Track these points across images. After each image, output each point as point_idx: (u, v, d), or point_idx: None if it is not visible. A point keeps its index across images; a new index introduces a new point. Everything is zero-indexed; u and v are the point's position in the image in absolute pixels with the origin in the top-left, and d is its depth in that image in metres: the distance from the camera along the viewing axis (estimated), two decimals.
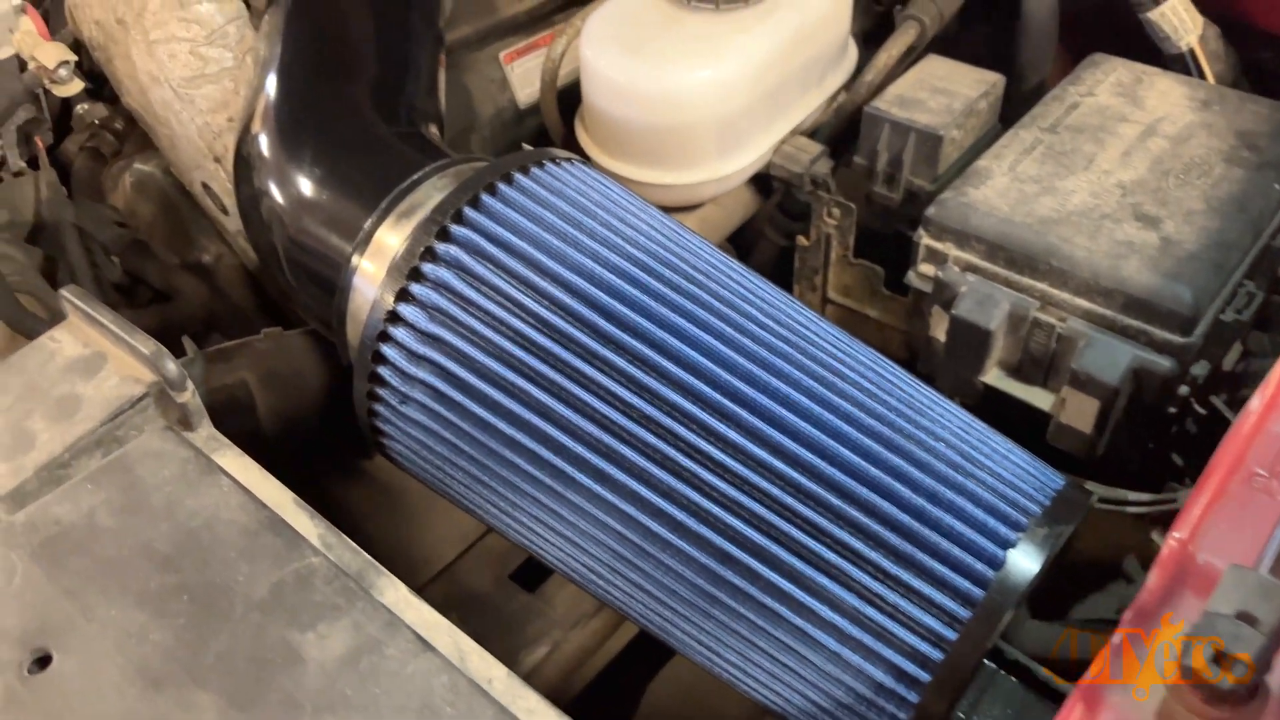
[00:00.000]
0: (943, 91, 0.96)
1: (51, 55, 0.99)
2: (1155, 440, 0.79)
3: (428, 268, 0.70)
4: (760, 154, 0.99)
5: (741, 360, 0.64)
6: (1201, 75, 1.03)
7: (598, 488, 0.65)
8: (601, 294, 0.67)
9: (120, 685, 0.57)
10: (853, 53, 1.07)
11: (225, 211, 1.14)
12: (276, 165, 0.88)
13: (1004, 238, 0.80)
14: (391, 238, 0.75)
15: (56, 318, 1.06)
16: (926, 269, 0.86)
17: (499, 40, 1.55)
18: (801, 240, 1.00)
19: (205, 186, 1.13)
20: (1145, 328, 0.75)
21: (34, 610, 0.61)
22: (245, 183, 0.92)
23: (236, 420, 1.01)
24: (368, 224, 0.76)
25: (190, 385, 0.76)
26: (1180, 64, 1.03)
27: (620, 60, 0.92)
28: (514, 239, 0.70)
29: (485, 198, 0.72)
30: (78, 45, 1.30)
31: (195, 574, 0.62)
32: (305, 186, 0.86)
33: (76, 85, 1.02)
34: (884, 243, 0.99)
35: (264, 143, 0.90)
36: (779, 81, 0.97)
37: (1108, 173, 0.84)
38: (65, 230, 1.08)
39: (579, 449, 0.65)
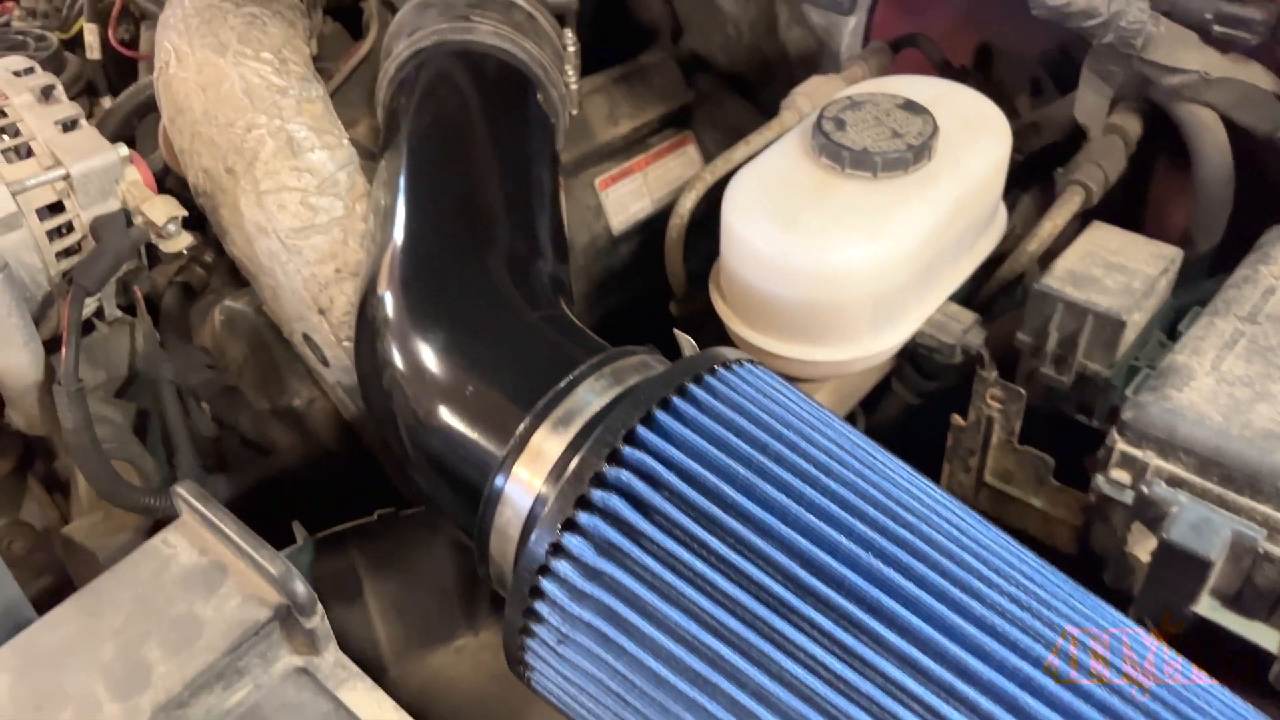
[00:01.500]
0: (1118, 267, 0.88)
1: (161, 211, 0.94)
2: None
3: (597, 494, 0.62)
4: (914, 327, 0.92)
5: (970, 628, 0.56)
6: None
7: None
8: (798, 536, 0.60)
9: None
10: (1002, 215, 1.00)
11: (326, 364, 1.08)
12: (404, 336, 0.82)
13: (1219, 453, 0.72)
14: (550, 446, 0.68)
15: (149, 484, 1.00)
16: (1120, 475, 0.77)
17: (594, 166, 1.50)
18: (958, 420, 0.92)
19: (306, 338, 1.07)
20: None
21: None
22: (367, 345, 0.85)
23: (340, 606, 0.94)
24: (521, 429, 0.69)
25: (320, 610, 0.68)
26: None
27: (772, 234, 0.85)
28: (694, 465, 0.63)
29: (659, 414, 0.65)
30: (166, 170, 1.26)
31: None
32: (439, 368, 0.79)
33: (185, 239, 0.96)
34: (1045, 422, 0.91)
35: (390, 308, 0.84)
36: (937, 252, 0.90)
37: None
38: (162, 388, 1.02)
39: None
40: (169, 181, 1.29)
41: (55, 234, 0.93)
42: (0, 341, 0.87)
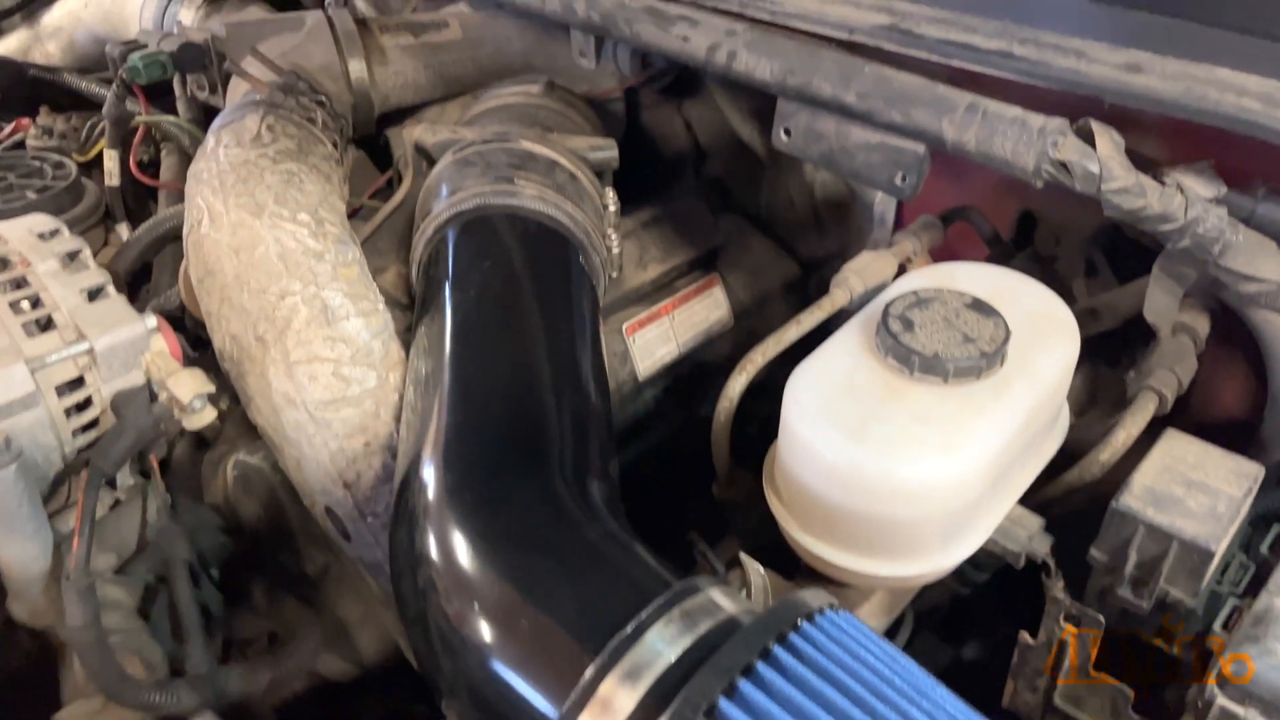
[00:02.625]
0: (1200, 486, 0.84)
1: (188, 387, 0.88)
2: None
3: None
4: (983, 539, 0.87)
5: None
6: None
7: None
8: None
9: None
10: (1065, 413, 0.96)
11: (348, 538, 1.02)
12: (446, 534, 0.77)
13: None
14: (620, 700, 0.62)
15: (154, 673, 0.93)
16: None
17: (622, 310, 1.46)
18: (1025, 638, 0.86)
19: (329, 510, 1.01)
20: None
21: None
22: (404, 534, 0.80)
23: None
24: (588, 676, 0.63)
25: None
26: None
27: (840, 443, 0.80)
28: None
29: (743, 684, 0.59)
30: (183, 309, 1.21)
31: None
32: (486, 580, 0.74)
33: (209, 415, 0.91)
34: (1123, 647, 0.86)
35: (433, 499, 0.79)
36: (1009, 461, 0.86)
37: None
38: (175, 569, 0.96)
39: None
40: (186, 321, 1.25)
41: (73, 410, 0.87)
42: (7, 533, 0.81)
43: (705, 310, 1.57)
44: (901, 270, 1.13)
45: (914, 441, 0.80)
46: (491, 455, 0.83)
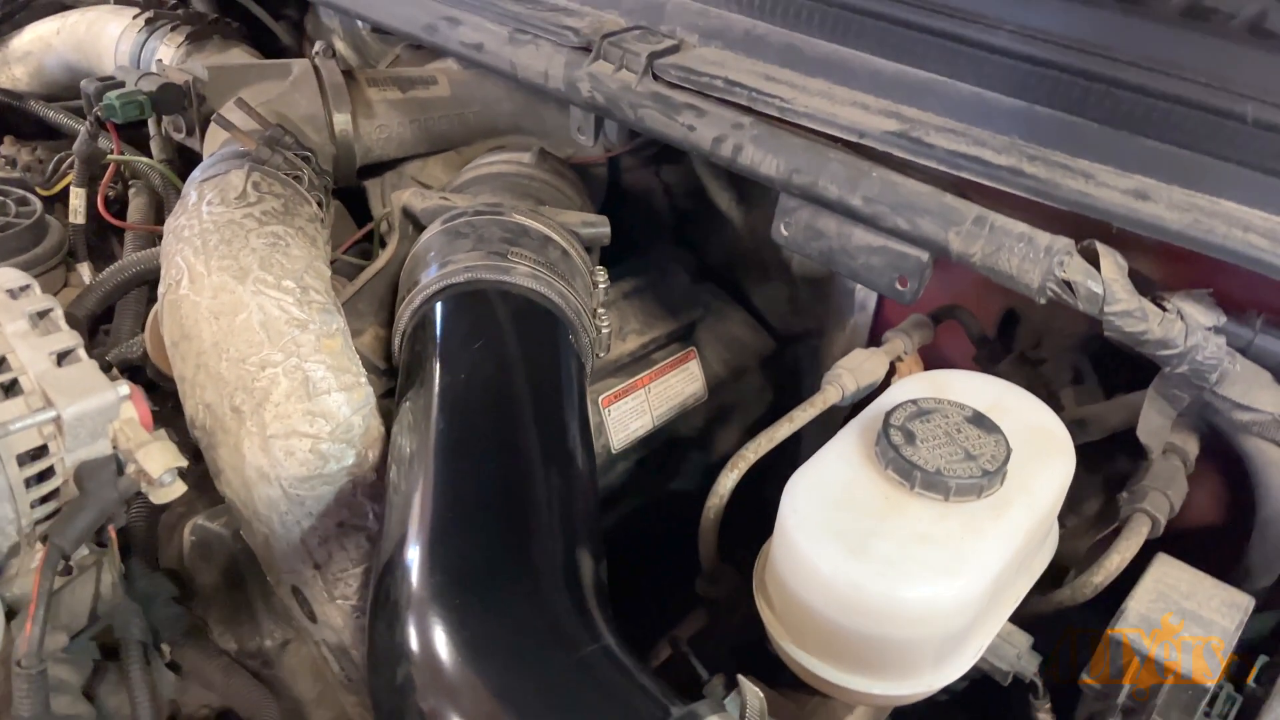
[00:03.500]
0: (1193, 617, 0.83)
1: (158, 461, 0.84)
2: None
3: None
4: (975, 658, 0.86)
5: None
6: None
7: None
8: None
9: None
10: (1055, 531, 0.95)
11: (313, 619, 0.98)
12: (429, 633, 0.74)
13: None
14: None
15: None
16: None
17: (599, 382, 1.44)
18: None
19: (295, 590, 0.97)
20: None
21: None
22: (383, 627, 0.77)
23: None
24: None
25: None
26: None
27: (840, 560, 0.79)
28: None
29: None
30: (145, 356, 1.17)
31: None
32: (473, 695, 0.70)
33: (179, 489, 0.86)
34: None
35: (415, 595, 0.76)
36: (1004, 581, 0.85)
37: None
38: (130, 649, 0.90)
39: None
40: (148, 370, 1.20)
41: (33, 480, 0.82)
42: None
43: (681, 384, 1.56)
44: (891, 369, 1.12)
45: (916, 562, 0.79)
46: (481, 554, 0.80)
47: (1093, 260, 0.88)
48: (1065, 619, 0.95)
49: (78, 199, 1.42)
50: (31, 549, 0.86)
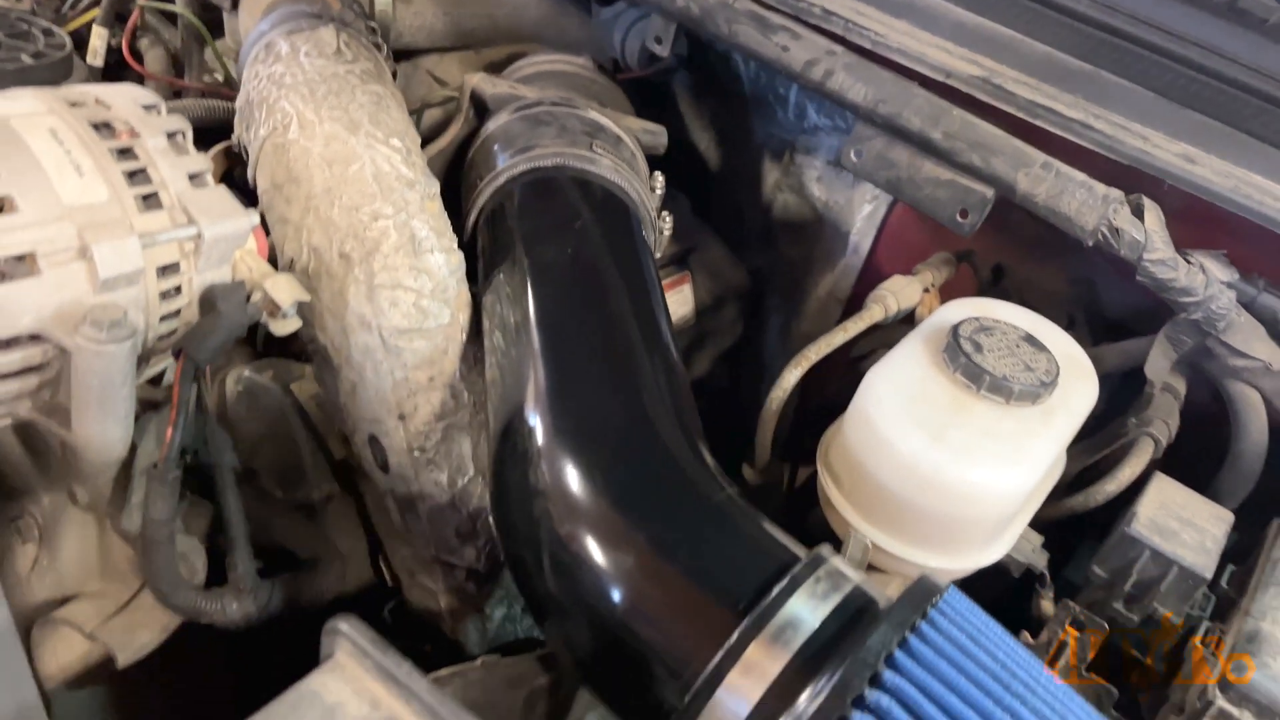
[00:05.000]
0: (1190, 524, 0.98)
1: (285, 293, 0.86)
2: None
3: (857, 716, 0.62)
4: (1011, 545, 0.98)
5: None
6: None
7: None
8: None
9: None
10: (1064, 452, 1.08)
11: (386, 469, 1.02)
12: (564, 480, 0.79)
13: None
14: (770, 663, 0.67)
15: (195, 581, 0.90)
16: None
17: None
18: (1026, 638, 0.97)
19: (373, 439, 1.01)
20: None
21: None
22: (514, 472, 0.82)
23: None
24: (735, 637, 0.68)
25: None
26: None
27: (923, 444, 0.89)
28: (942, 691, 0.64)
29: (911, 639, 0.66)
30: None
31: None
32: (616, 530, 0.77)
33: (296, 323, 0.89)
34: (1102, 655, 0.98)
35: (543, 445, 0.81)
36: (1043, 480, 0.97)
37: None
38: (224, 477, 0.92)
39: None
40: None
41: (164, 296, 0.83)
42: (101, 411, 0.76)
43: (676, 305, 1.63)
44: None
45: (986, 452, 0.89)
46: (601, 406, 0.86)
47: (1137, 212, 1.01)
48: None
49: (100, 40, 1.37)
50: (147, 365, 0.86)
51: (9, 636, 0.71)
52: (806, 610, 0.69)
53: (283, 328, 0.88)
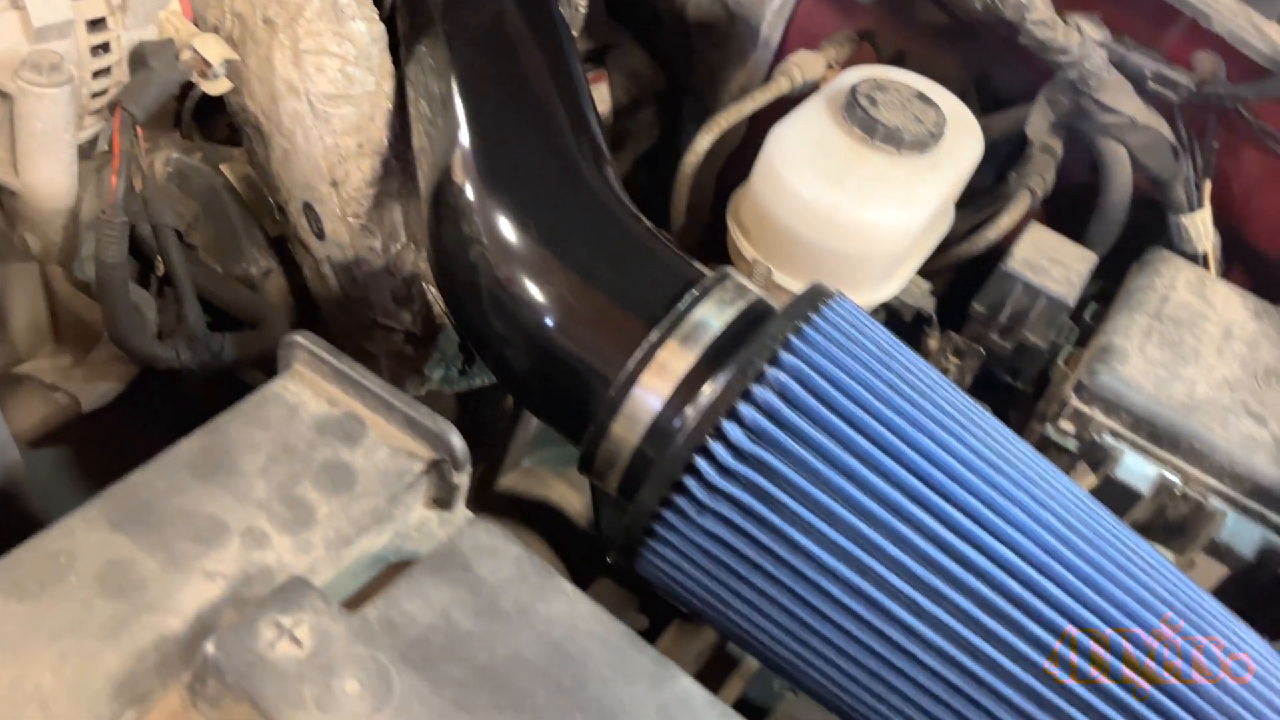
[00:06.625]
0: (1058, 262, 1.09)
1: (214, 52, 0.89)
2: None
3: (756, 390, 0.72)
4: (901, 286, 1.08)
5: (1044, 533, 0.72)
6: None
7: (913, 621, 0.70)
8: (926, 441, 0.73)
9: None
10: (952, 209, 1.18)
11: (321, 236, 1.08)
12: (494, 224, 0.86)
13: (1152, 416, 0.94)
14: (679, 362, 0.76)
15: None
16: (1067, 426, 0.98)
17: None
18: None
19: (308, 207, 1.06)
20: (1266, 513, 0.91)
21: None
22: (449, 227, 0.89)
23: None
24: (651, 340, 0.77)
25: (469, 465, 0.73)
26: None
27: (823, 188, 0.97)
28: (838, 373, 0.74)
29: (806, 329, 0.75)
30: None
31: (580, 692, 0.61)
32: (542, 261, 0.85)
33: (226, 84, 0.92)
34: (978, 382, 1.11)
35: (474, 200, 0.88)
36: (928, 226, 1.06)
37: (1212, 368, 1.00)
38: (165, 234, 0.96)
39: (899, 583, 0.70)
40: None
41: (94, 52, 0.86)
42: (47, 157, 0.80)
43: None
44: None
45: (878, 194, 0.99)
46: (523, 156, 0.92)
47: None
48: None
49: None
50: (81, 128, 0.89)
51: None
52: (712, 315, 0.78)
53: (214, 88, 0.91)
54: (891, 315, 1.13)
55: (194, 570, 0.62)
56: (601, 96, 1.69)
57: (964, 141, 1.09)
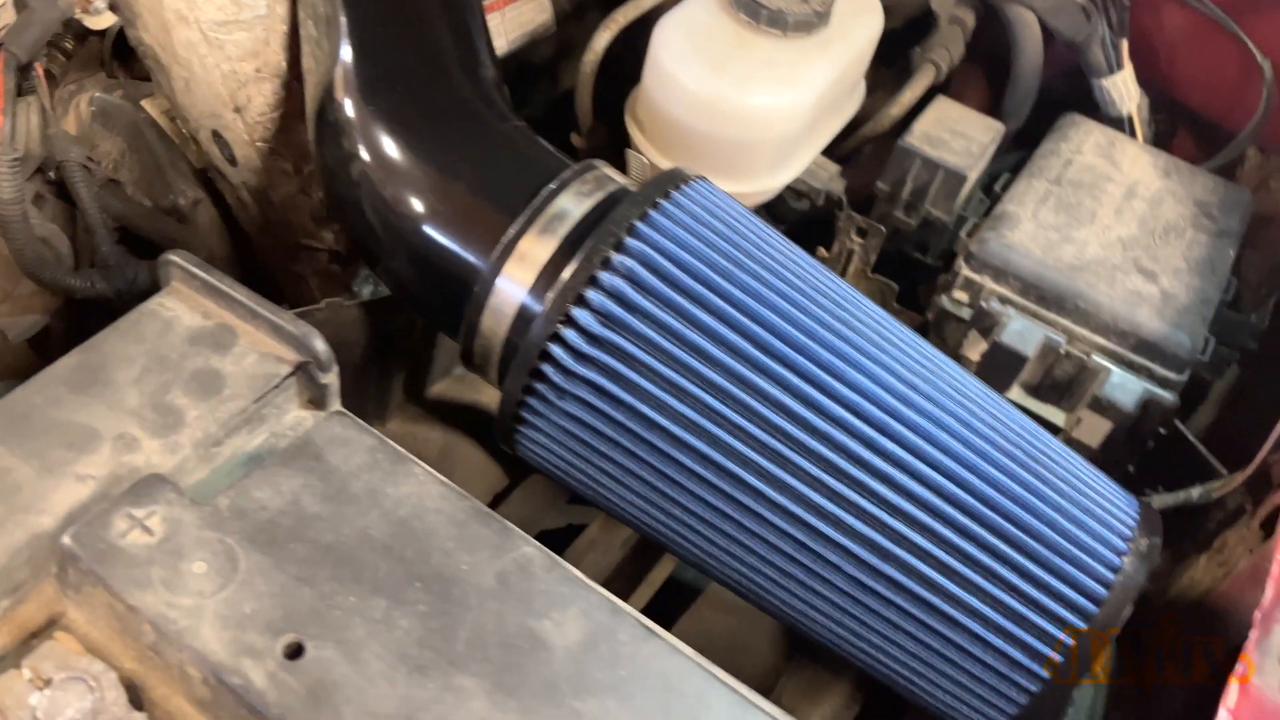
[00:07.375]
0: (960, 134, 1.09)
1: None
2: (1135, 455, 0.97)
3: (604, 276, 0.75)
4: (800, 170, 1.09)
5: (885, 395, 0.74)
6: (1133, 136, 1.23)
7: (761, 485, 0.73)
8: (769, 313, 0.75)
9: (386, 671, 0.60)
10: (862, 84, 1.18)
11: (234, 162, 1.11)
12: (372, 137, 0.89)
13: (1039, 279, 0.95)
14: (539, 251, 0.79)
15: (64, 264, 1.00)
16: (961, 295, 0.99)
17: None
18: (823, 252, 1.10)
19: (216, 135, 1.09)
20: (1150, 365, 0.93)
21: (272, 599, 0.61)
22: (332, 144, 0.91)
23: None
24: (510, 234, 0.80)
25: (335, 366, 0.76)
26: (1117, 126, 1.22)
27: (704, 76, 0.98)
28: (684, 255, 0.76)
29: (652, 214, 0.77)
30: None
31: (421, 563, 0.65)
32: (414, 167, 0.87)
33: (110, 19, 0.95)
34: (890, 261, 1.12)
35: (353, 115, 0.90)
36: (825, 107, 1.07)
37: (1108, 227, 1.01)
38: (72, 170, 1.00)
39: (746, 451, 0.73)
40: None
41: None
42: None
43: (532, 12, 1.66)
44: None
45: (763, 80, 0.99)
46: (399, 69, 0.94)
47: None
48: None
49: None
50: None
51: None
52: (572, 204, 0.81)
53: (97, 23, 0.94)
54: (801, 199, 1.14)
55: (66, 474, 0.67)
56: (542, 5, 1.68)
57: (860, 19, 1.08)
